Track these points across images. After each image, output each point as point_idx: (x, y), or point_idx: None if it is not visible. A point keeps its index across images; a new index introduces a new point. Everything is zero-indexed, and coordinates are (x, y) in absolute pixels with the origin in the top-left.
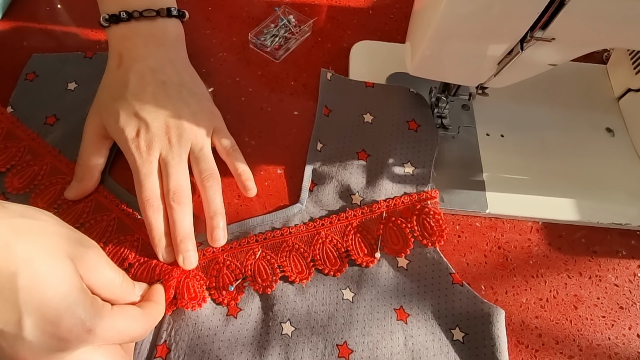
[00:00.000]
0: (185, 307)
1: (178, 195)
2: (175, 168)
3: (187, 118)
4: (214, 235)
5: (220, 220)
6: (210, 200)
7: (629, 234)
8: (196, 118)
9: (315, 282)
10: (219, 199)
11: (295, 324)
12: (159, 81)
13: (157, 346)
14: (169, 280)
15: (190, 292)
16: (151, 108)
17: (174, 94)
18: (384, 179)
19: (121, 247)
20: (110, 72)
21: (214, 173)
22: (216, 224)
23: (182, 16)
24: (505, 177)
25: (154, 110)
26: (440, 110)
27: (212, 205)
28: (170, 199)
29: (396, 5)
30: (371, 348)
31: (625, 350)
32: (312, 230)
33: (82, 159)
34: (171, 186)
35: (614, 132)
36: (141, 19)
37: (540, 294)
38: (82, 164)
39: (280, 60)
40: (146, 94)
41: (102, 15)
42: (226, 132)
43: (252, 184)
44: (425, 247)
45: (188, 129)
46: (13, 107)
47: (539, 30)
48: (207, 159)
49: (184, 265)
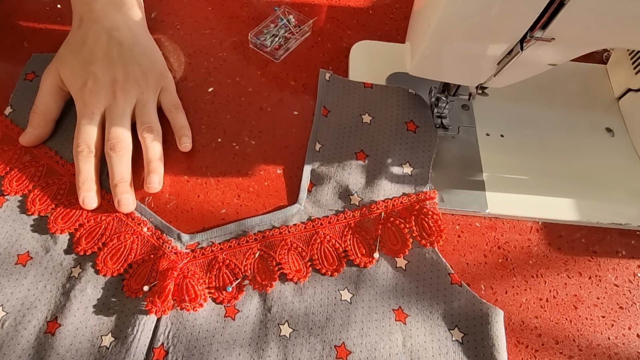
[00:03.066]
0: (187, 309)
1: (115, 144)
2: (117, 120)
3: (135, 76)
4: (148, 179)
5: (156, 165)
6: (148, 148)
7: (628, 234)
8: (145, 76)
9: (313, 283)
10: (157, 147)
11: (293, 326)
12: (114, 40)
13: (154, 349)
14: (166, 280)
15: (191, 293)
16: (103, 63)
17: (127, 53)
18: (382, 179)
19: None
20: (72, 32)
21: (153, 125)
22: (152, 169)
23: None
24: (505, 177)
25: (105, 66)
26: (440, 110)
27: (150, 152)
28: (109, 148)
29: (396, 5)
30: (369, 349)
31: (625, 350)
32: (310, 230)
33: (37, 107)
34: (111, 136)
35: (613, 132)
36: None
37: (540, 294)
38: (38, 111)
39: (280, 60)
40: (100, 50)
41: None
42: (173, 93)
43: (188, 140)
44: (423, 248)
45: (135, 85)
46: (13, 107)
47: (539, 30)
48: (149, 113)
49: (120, 207)
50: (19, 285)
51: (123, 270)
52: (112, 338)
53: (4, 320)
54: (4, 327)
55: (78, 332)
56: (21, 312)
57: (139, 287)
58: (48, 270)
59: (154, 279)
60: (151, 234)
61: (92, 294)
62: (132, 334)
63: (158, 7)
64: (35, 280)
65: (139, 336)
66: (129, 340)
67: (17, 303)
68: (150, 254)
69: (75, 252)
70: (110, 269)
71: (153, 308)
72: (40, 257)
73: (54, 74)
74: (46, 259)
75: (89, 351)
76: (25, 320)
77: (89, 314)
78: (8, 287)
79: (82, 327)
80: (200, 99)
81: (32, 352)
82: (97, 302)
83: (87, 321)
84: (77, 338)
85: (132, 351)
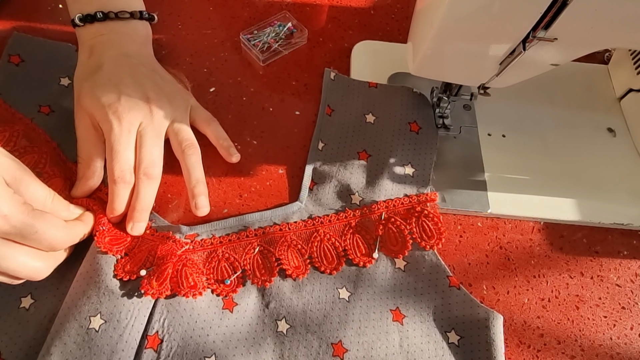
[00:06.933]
0: (186, 295)
1: (151, 168)
2: (153, 140)
3: (166, 93)
4: (198, 203)
5: (202, 187)
6: (192, 168)
7: (630, 234)
8: (175, 94)
9: (312, 281)
10: (199, 167)
11: (290, 322)
12: (135, 63)
13: (148, 336)
14: (164, 265)
15: (190, 281)
16: (130, 81)
17: (152, 74)
18: (384, 179)
19: None
20: (82, 64)
21: (194, 143)
22: (199, 192)
23: (152, 19)
24: (507, 177)
25: (133, 84)
26: (441, 110)
27: (194, 173)
28: (142, 172)
29: (398, 5)
30: (366, 348)
31: (627, 350)
32: (310, 227)
33: (81, 157)
34: (145, 158)
35: (615, 132)
36: (115, 19)
37: (542, 294)
38: (83, 161)
39: (265, 64)
40: (123, 72)
41: (77, 15)
42: (202, 108)
43: (235, 151)
44: (423, 250)
45: (168, 103)
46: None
47: (542, 30)
48: (187, 130)
49: (132, 231)
50: None
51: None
52: (102, 320)
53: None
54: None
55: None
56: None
57: (134, 270)
58: None
59: (150, 264)
60: (152, 234)
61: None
62: (125, 319)
63: (159, 7)
64: None
65: (132, 322)
66: (121, 325)
67: None
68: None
69: None
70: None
71: (150, 290)
72: None
73: (83, 115)
74: None
75: (76, 332)
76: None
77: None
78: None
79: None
80: (202, 99)
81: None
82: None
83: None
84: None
85: (124, 337)
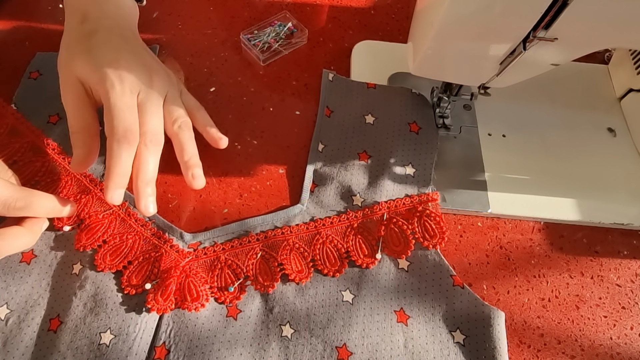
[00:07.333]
0: (189, 309)
1: (156, 137)
2: (154, 109)
3: (163, 68)
4: (195, 173)
5: (196, 160)
6: (185, 144)
7: (630, 234)
8: (168, 73)
9: (315, 284)
10: (192, 143)
11: (294, 326)
12: (128, 36)
13: (155, 347)
14: (168, 279)
15: (193, 293)
16: (129, 49)
17: (145, 49)
18: (385, 180)
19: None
20: (73, 30)
21: (188, 121)
22: (193, 164)
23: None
24: (507, 177)
25: (132, 52)
26: (442, 110)
27: (188, 148)
28: (148, 140)
29: (398, 5)
30: (371, 350)
31: (627, 350)
32: (312, 230)
33: (73, 127)
34: (150, 127)
35: (615, 132)
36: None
37: (542, 294)
38: (75, 130)
39: (265, 63)
40: (120, 40)
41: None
42: (190, 95)
43: (222, 135)
44: (426, 249)
45: (165, 76)
46: (16, 105)
47: (542, 30)
48: (181, 107)
49: (144, 210)
50: (24, 283)
51: (122, 267)
52: (112, 335)
53: (7, 317)
54: (8, 324)
55: (77, 329)
56: (25, 310)
57: (139, 284)
58: (52, 267)
59: (155, 276)
60: (153, 233)
61: (90, 290)
62: (134, 332)
63: (160, 7)
64: (39, 278)
65: (140, 334)
66: (130, 339)
67: (22, 301)
68: (152, 252)
69: (76, 248)
70: (107, 265)
71: (155, 306)
72: (44, 255)
73: (72, 82)
74: (50, 257)
75: (89, 348)
76: (28, 317)
77: (87, 310)
78: (13, 285)
79: (81, 325)
80: (202, 98)
81: (34, 349)
82: (96, 299)
83: (85, 318)
84: (77, 335)
85: (134, 349)
